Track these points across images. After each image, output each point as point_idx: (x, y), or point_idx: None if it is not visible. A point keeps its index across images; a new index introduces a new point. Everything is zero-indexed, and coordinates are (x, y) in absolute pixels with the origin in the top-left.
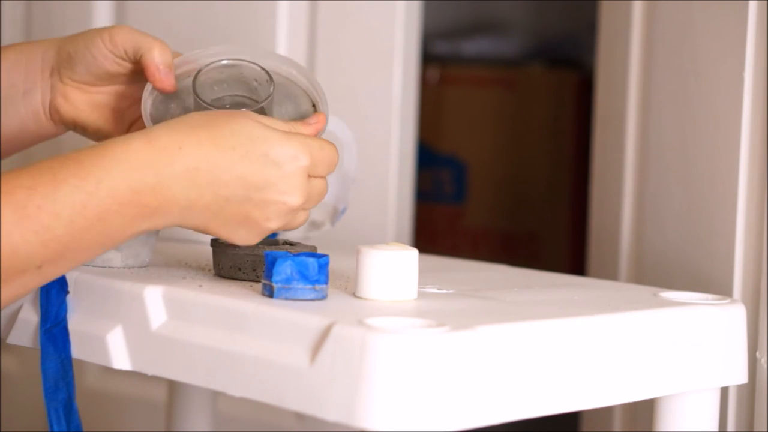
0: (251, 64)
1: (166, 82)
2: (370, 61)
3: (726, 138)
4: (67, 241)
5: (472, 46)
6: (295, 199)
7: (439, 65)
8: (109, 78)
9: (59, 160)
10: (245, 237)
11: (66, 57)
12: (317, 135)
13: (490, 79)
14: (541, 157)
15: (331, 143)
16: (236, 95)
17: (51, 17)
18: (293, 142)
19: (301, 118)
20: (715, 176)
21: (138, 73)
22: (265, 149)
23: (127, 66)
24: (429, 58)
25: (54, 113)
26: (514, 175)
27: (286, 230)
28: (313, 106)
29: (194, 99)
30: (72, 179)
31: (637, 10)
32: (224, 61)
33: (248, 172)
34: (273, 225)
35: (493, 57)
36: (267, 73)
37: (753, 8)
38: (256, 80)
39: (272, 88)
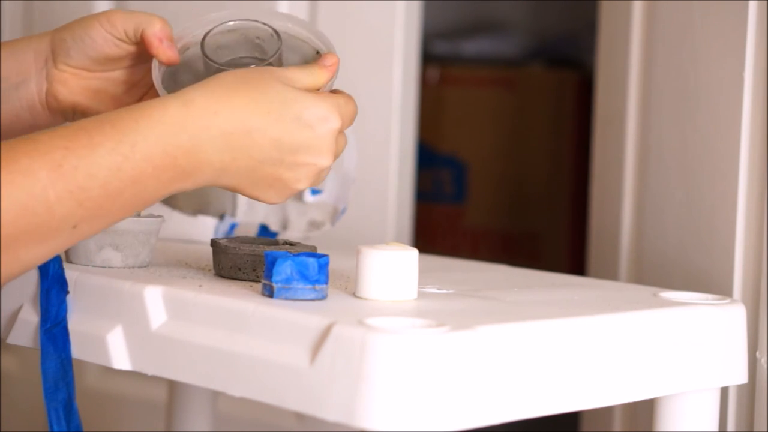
0: (253, 23)
1: (170, 53)
2: (370, 61)
3: (726, 138)
4: (101, 202)
5: (472, 46)
6: (325, 160)
7: (439, 65)
8: (106, 62)
9: (95, 122)
10: (274, 197)
11: (61, 44)
12: (335, 73)
13: (490, 79)
14: (541, 157)
15: (350, 96)
16: (244, 57)
17: (51, 17)
18: (325, 104)
19: None
20: (715, 176)
21: (135, 57)
22: (298, 111)
23: (126, 48)
24: (429, 58)
25: (52, 101)
26: (514, 175)
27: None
28: (317, 53)
29: (205, 64)
30: (108, 142)
31: (637, 10)
32: (230, 23)
33: (283, 135)
34: (302, 185)
35: (493, 57)
36: (271, 27)
37: (753, 8)
38: (258, 38)
39: (280, 42)
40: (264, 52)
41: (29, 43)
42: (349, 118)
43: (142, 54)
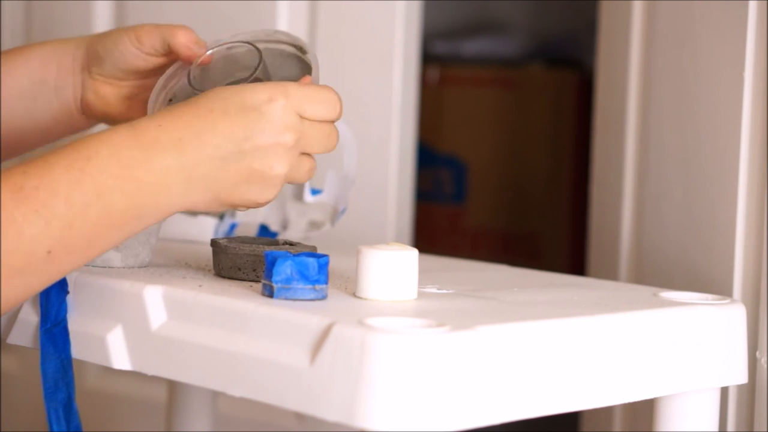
0: (243, 45)
1: (202, 54)
2: (370, 61)
3: (726, 138)
4: (70, 220)
5: (472, 46)
6: (286, 136)
7: (439, 65)
8: (137, 73)
9: (50, 150)
10: (260, 193)
11: (94, 54)
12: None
13: (490, 79)
14: (541, 157)
15: (319, 86)
16: (238, 79)
17: (51, 17)
18: (265, 86)
19: None
20: (715, 176)
21: (165, 66)
22: (240, 100)
23: (155, 61)
24: (429, 58)
25: (85, 108)
26: (514, 175)
27: (297, 180)
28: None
29: (193, 93)
30: (63, 160)
31: (637, 10)
32: (212, 50)
33: (231, 126)
34: (279, 170)
35: (493, 57)
36: (252, 44)
37: (753, 8)
38: (251, 61)
39: (259, 59)
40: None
41: (68, 47)
42: (307, 99)
43: (170, 64)
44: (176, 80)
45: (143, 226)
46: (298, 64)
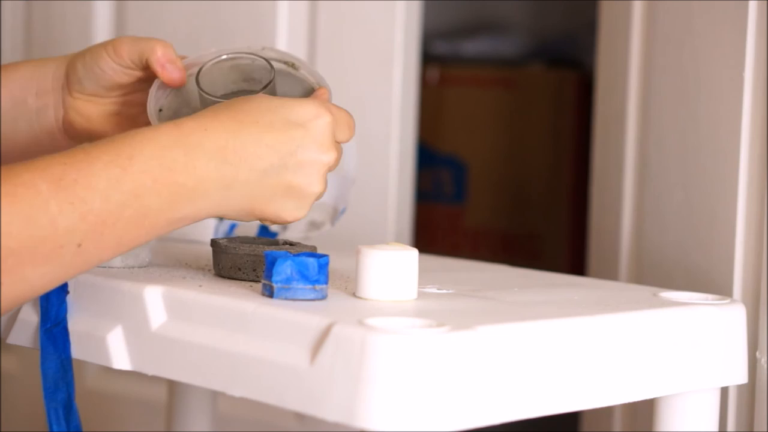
0: (249, 56)
1: (175, 75)
2: (370, 61)
3: (726, 138)
4: (104, 217)
5: (472, 46)
6: (328, 155)
7: (439, 65)
8: (118, 88)
9: (92, 143)
10: (295, 210)
11: (73, 72)
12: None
13: (490, 79)
14: (541, 157)
15: (344, 109)
16: (241, 90)
17: (51, 17)
18: (311, 103)
19: None
20: (715, 176)
21: (145, 80)
22: (286, 114)
23: (135, 74)
24: (429, 58)
25: (68, 128)
26: (514, 175)
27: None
28: (312, 89)
29: (201, 98)
30: (105, 156)
31: (637, 10)
32: (223, 56)
33: (276, 140)
34: (316, 188)
35: (493, 57)
36: (266, 60)
37: (753, 8)
38: (256, 72)
39: (273, 73)
40: (258, 84)
41: (49, 68)
42: (343, 123)
43: (151, 77)
44: (167, 90)
45: (173, 228)
46: (292, 80)
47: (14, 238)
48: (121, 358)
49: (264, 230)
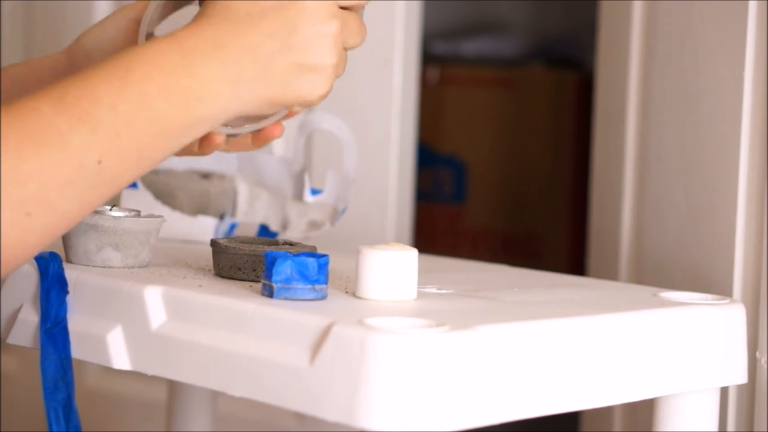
0: None
1: None
2: (370, 61)
3: (726, 138)
4: (117, 127)
5: (472, 46)
6: (331, 25)
7: (439, 65)
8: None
9: (86, 68)
10: (313, 86)
11: (79, 52)
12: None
13: (490, 79)
14: (541, 157)
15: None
16: None
17: (51, 17)
18: None
19: None
20: (715, 176)
21: None
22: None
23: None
24: (429, 58)
25: None
26: (514, 175)
27: (340, 73)
28: None
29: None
30: (101, 72)
31: (637, 10)
32: None
33: (272, 25)
34: (329, 59)
35: (493, 57)
36: None
37: (753, 8)
38: None
39: None
40: None
41: (45, 62)
42: None
43: None
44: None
45: (194, 134)
46: None
47: (29, 160)
48: (121, 358)
49: (264, 230)
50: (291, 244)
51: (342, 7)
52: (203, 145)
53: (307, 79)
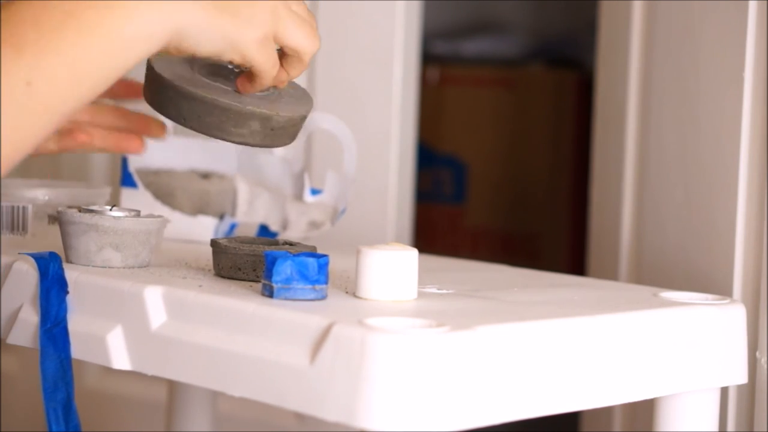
0: None
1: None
2: (370, 61)
3: (726, 138)
4: (43, 45)
5: (472, 46)
6: None
7: (439, 65)
8: None
9: None
10: (251, 26)
11: None
12: None
13: (490, 79)
14: (541, 157)
15: None
16: None
17: None
18: None
19: None
20: (715, 176)
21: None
22: None
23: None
24: (429, 58)
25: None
26: (514, 175)
27: (289, 34)
28: None
29: None
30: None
31: (637, 10)
32: None
33: None
34: (265, 1)
35: (493, 57)
36: None
37: (753, 8)
38: None
39: None
40: None
41: None
42: None
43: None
44: None
45: (134, 53)
46: None
47: None
48: (121, 358)
49: (264, 230)
50: (291, 244)
51: None
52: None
53: (245, 14)
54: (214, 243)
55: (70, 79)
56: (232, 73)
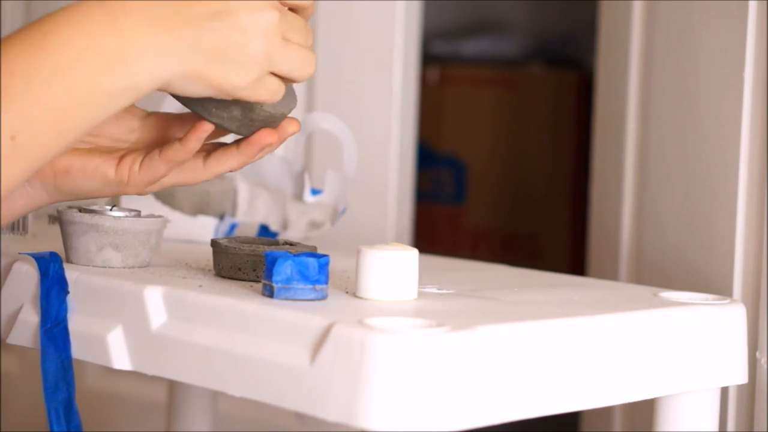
0: None
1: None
2: (370, 61)
3: (726, 138)
4: (30, 100)
5: (472, 46)
6: (268, 15)
7: (439, 65)
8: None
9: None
10: (237, 73)
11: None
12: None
13: (490, 79)
14: (541, 157)
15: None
16: None
17: None
18: None
19: None
20: (715, 176)
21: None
22: None
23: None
24: (429, 58)
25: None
26: (514, 175)
27: (284, 71)
28: None
29: None
30: (15, 39)
31: (637, 10)
32: None
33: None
34: (257, 45)
35: (493, 57)
36: None
37: (753, 8)
38: None
39: None
40: None
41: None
42: None
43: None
44: None
45: (119, 103)
46: None
47: None
48: (121, 358)
49: (264, 230)
50: (291, 244)
51: (290, 9)
52: (188, 138)
53: (232, 62)
54: (214, 243)
55: (55, 131)
56: None
